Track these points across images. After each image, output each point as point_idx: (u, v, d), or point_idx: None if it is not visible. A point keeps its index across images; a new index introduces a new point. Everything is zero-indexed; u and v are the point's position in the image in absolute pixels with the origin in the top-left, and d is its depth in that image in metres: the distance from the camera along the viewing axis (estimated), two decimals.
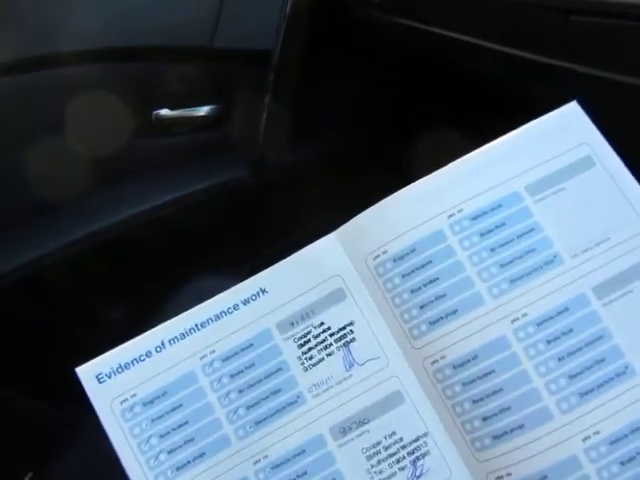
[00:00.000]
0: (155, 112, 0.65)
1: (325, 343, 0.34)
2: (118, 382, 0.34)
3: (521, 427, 0.30)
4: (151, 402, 0.34)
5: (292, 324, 0.34)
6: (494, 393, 0.31)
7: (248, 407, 0.34)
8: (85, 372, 0.34)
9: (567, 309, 0.31)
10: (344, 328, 0.34)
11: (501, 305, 0.32)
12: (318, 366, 0.34)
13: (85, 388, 0.33)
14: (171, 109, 0.65)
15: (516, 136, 0.34)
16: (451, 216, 0.33)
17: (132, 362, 0.34)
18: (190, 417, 0.34)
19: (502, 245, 0.33)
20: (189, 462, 0.33)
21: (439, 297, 0.33)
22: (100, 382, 0.34)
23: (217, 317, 0.35)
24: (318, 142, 0.74)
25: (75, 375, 0.34)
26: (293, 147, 0.71)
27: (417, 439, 0.32)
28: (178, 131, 0.67)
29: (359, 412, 0.33)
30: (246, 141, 0.68)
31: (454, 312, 0.32)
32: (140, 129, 0.65)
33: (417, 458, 0.32)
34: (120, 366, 0.34)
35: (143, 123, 0.65)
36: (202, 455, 0.33)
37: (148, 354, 0.34)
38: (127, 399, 0.33)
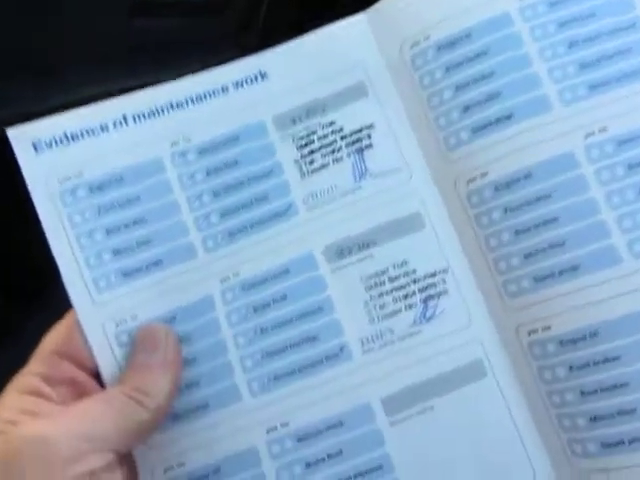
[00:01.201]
0: None
1: (333, 147, 0.26)
2: (61, 155, 0.26)
3: (575, 269, 0.23)
4: (100, 188, 0.26)
5: (293, 120, 0.27)
6: (545, 223, 0.24)
7: (223, 214, 0.26)
8: (19, 136, 0.26)
9: None
10: (360, 131, 0.26)
11: (574, 114, 0.24)
12: (320, 173, 0.26)
13: (17, 157, 0.26)
14: None
15: None
16: None
17: (82, 134, 0.26)
18: (149, 215, 0.26)
19: (586, 40, 0.24)
20: (140, 269, 0.26)
21: (492, 97, 0.25)
22: (37, 151, 0.26)
23: (199, 98, 0.27)
24: None
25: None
26: None
27: (434, 274, 0.25)
28: (172, 13, 0.58)
29: (364, 232, 0.26)
30: (244, 30, 0.59)
31: (508, 117, 0.24)
32: (133, 7, 0.56)
33: (430, 297, 0.25)
34: (66, 136, 0.26)
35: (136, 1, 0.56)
36: (158, 263, 0.26)
37: (104, 128, 0.26)
38: (70, 178, 0.26)
